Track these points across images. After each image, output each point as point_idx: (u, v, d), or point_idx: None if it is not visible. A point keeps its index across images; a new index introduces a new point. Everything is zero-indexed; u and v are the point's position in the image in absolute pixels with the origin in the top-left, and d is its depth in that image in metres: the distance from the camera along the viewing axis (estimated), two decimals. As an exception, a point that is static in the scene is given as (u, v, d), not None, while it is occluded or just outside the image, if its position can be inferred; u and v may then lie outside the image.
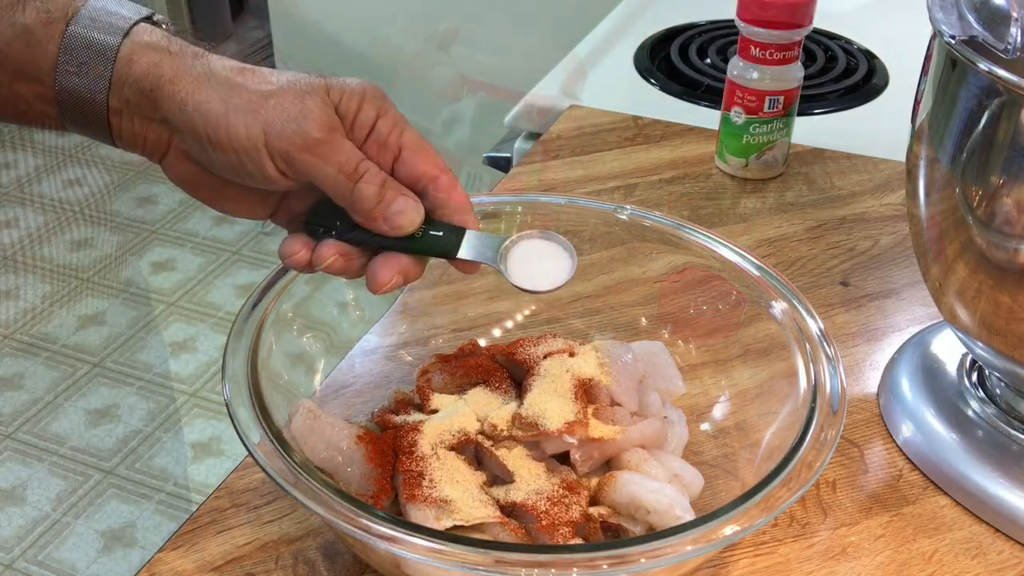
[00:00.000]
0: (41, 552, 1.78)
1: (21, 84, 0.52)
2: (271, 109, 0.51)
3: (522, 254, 0.56)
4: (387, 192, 0.53)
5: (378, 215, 0.53)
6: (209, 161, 0.52)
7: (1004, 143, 0.53)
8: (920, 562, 0.60)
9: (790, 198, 0.94)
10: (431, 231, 0.55)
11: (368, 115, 0.53)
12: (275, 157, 0.51)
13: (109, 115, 0.52)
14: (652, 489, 0.56)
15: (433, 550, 0.47)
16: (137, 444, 2.00)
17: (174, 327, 2.30)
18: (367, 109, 0.53)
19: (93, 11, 0.52)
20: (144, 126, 0.53)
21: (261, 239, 2.59)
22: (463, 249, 0.55)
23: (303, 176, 0.52)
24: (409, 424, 0.59)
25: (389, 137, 0.54)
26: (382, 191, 0.53)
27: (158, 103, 0.51)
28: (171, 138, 0.53)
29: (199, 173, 0.54)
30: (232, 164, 0.52)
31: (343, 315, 0.68)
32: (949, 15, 0.56)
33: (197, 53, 0.53)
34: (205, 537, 0.60)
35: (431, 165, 0.55)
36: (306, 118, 0.51)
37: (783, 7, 0.87)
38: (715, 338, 0.67)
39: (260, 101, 0.51)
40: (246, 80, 0.52)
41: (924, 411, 0.68)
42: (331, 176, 0.52)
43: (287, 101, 0.51)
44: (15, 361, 2.20)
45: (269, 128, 0.50)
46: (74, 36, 0.51)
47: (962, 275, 0.60)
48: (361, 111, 0.53)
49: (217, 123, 0.51)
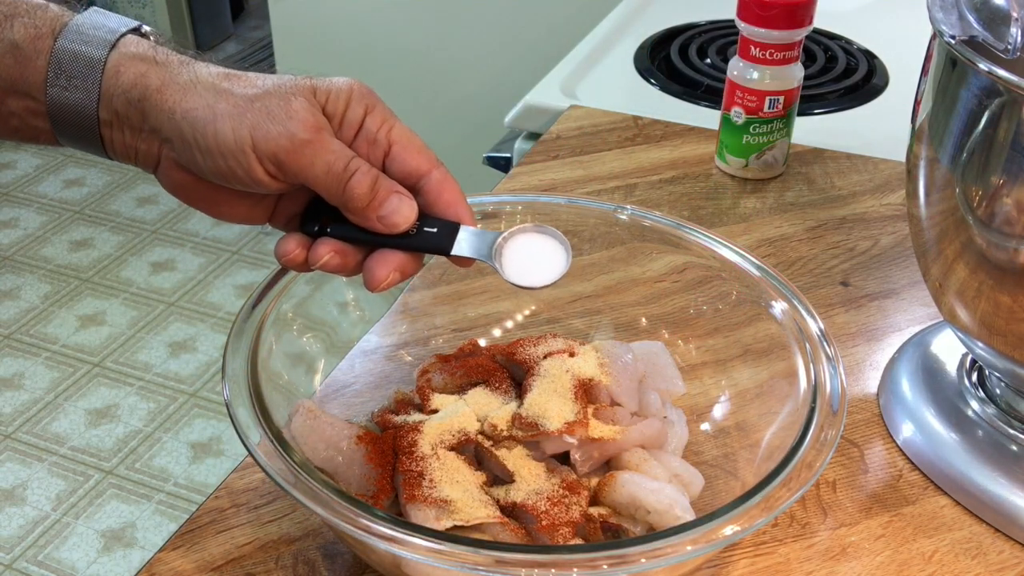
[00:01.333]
0: (41, 552, 1.78)
1: (13, 100, 0.52)
2: (257, 112, 0.51)
3: (517, 249, 0.56)
4: (379, 190, 0.53)
5: (371, 213, 0.53)
6: (199, 168, 0.52)
7: (1004, 143, 0.53)
8: (920, 562, 0.60)
9: (790, 198, 0.94)
10: (425, 227, 0.54)
11: (356, 113, 0.53)
12: (263, 160, 0.51)
13: (100, 127, 0.53)
14: (652, 489, 0.56)
15: (433, 550, 0.47)
16: (137, 444, 2.00)
17: (174, 327, 2.30)
18: (355, 107, 0.53)
19: (80, 25, 0.52)
20: (135, 137, 0.53)
21: (261, 239, 2.60)
22: (457, 245, 0.55)
23: (293, 178, 0.52)
24: (409, 424, 0.59)
25: (378, 133, 0.54)
26: (374, 189, 0.52)
27: (146, 113, 0.52)
28: (162, 148, 0.53)
29: (193, 181, 0.54)
30: (222, 169, 0.52)
31: (343, 315, 0.68)
32: (949, 15, 0.56)
33: (184, 61, 0.53)
34: (205, 537, 0.60)
35: (422, 160, 0.54)
36: (292, 119, 0.51)
37: (783, 7, 0.87)
38: (715, 338, 0.67)
39: (246, 105, 0.51)
40: (232, 85, 0.52)
41: (924, 411, 0.68)
42: (321, 176, 0.52)
43: (272, 104, 0.51)
44: (15, 361, 2.20)
45: (256, 131, 0.50)
46: (62, 50, 0.51)
47: (962, 275, 0.60)
48: (349, 109, 0.53)
49: (205, 129, 0.51)
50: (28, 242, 2.58)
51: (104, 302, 2.37)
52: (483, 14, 1.93)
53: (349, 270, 0.55)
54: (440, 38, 1.92)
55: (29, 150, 2.95)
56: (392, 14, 1.94)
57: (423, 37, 1.93)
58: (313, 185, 0.52)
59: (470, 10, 1.92)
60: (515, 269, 0.55)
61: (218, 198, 0.55)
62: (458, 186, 0.55)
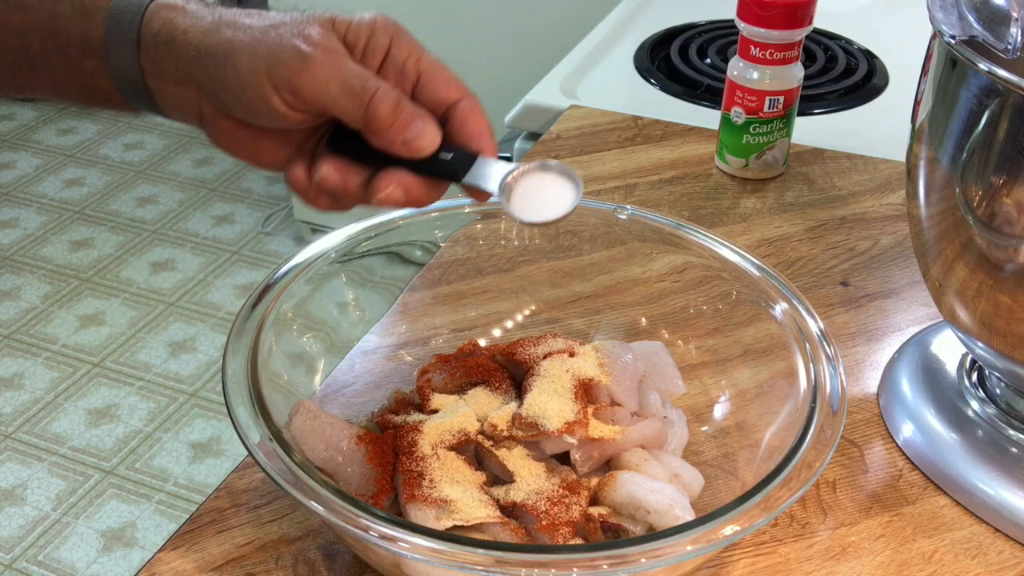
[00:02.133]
0: (41, 552, 1.78)
1: (89, 61, 0.54)
2: (271, 42, 0.50)
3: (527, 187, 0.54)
4: (402, 112, 0.51)
5: (395, 136, 0.51)
6: (227, 107, 0.52)
7: (1004, 143, 0.53)
8: (920, 562, 0.60)
9: (790, 198, 0.94)
10: (441, 153, 0.53)
11: (380, 42, 0.52)
12: (280, 89, 0.50)
13: (145, 79, 0.53)
14: (652, 489, 0.56)
15: (433, 550, 0.47)
16: (137, 444, 2.00)
17: (174, 327, 2.30)
18: (379, 37, 0.52)
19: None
20: (174, 86, 0.53)
21: (261, 239, 2.60)
22: (470, 174, 0.53)
23: (311, 105, 0.51)
24: (409, 424, 0.59)
25: (406, 63, 0.52)
26: (397, 111, 0.51)
27: (176, 58, 0.52)
28: (199, 95, 0.53)
29: (233, 127, 0.54)
30: (243, 104, 0.51)
31: (343, 315, 0.68)
32: (949, 15, 0.56)
33: (212, 8, 0.53)
34: (205, 537, 0.60)
35: (452, 89, 0.53)
36: (304, 42, 0.50)
37: (783, 7, 0.87)
38: (715, 338, 0.67)
39: (261, 35, 0.51)
40: (252, 20, 0.52)
41: (924, 411, 0.68)
42: (339, 97, 0.51)
43: (286, 31, 0.50)
44: (15, 361, 2.20)
45: (270, 60, 0.50)
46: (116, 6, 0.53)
47: (962, 275, 0.60)
48: (372, 38, 0.52)
49: (224, 63, 0.51)
50: (28, 242, 2.58)
51: (104, 302, 2.37)
52: (483, 14, 1.93)
53: (350, 191, 0.54)
54: (440, 38, 1.92)
55: (29, 150, 2.95)
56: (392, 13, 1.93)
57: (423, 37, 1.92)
58: (332, 110, 0.51)
59: (470, 10, 1.92)
60: (520, 205, 0.53)
61: (260, 145, 0.54)
62: (485, 117, 0.54)
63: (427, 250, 0.75)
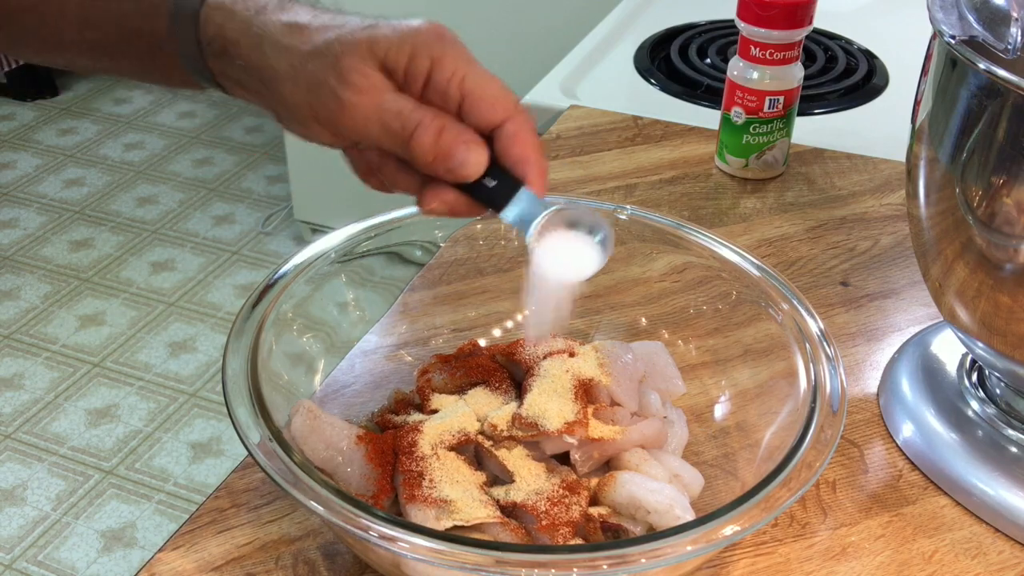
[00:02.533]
0: (41, 552, 1.78)
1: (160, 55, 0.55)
2: (309, 76, 0.50)
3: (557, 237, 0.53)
4: (444, 142, 0.50)
5: (438, 167, 0.51)
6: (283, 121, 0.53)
7: (1004, 143, 0.53)
8: (920, 562, 0.60)
9: (790, 198, 0.94)
10: (486, 179, 0.52)
11: (420, 66, 0.50)
12: (324, 124, 0.51)
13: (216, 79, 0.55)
14: (652, 489, 0.56)
15: (433, 550, 0.47)
16: (137, 444, 2.00)
17: (174, 327, 2.30)
18: (419, 60, 0.50)
19: None
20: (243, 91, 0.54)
21: (261, 239, 2.60)
22: (509, 210, 0.52)
23: (354, 140, 0.51)
24: (409, 424, 0.59)
25: (449, 86, 0.50)
26: (438, 144, 0.50)
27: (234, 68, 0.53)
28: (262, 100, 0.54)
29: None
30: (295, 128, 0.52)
31: (343, 315, 0.68)
32: (949, 15, 0.56)
33: (259, 9, 0.52)
34: (205, 537, 0.60)
35: (497, 110, 0.51)
36: (340, 82, 0.49)
37: (783, 7, 0.87)
38: (715, 338, 0.67)
39: (300, 65, 0.50)
40: (292, 41, 0.51)
41: (924, 411, 0.68)
42: (379, 137, 0.50)
43: (323, 65, 0.49)
44: (15, 361, 2.20)
45: (310, 96, 0.50)
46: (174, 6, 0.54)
47: (962, 275, 0.60)
48: (412, 62, 0.50)
49: (271, 88, 0.51)
50: (28, 242, 2.58)
51: (104, 302, 2.37)
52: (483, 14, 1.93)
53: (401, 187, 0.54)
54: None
55: (29, 150, 2.95)
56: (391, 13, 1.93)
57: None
58: (376, 144, 0.51)
59: (470, 10, 1.92)
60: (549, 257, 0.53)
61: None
62: (531, 138, 0.52)
63: (427, 250, 0.75)
